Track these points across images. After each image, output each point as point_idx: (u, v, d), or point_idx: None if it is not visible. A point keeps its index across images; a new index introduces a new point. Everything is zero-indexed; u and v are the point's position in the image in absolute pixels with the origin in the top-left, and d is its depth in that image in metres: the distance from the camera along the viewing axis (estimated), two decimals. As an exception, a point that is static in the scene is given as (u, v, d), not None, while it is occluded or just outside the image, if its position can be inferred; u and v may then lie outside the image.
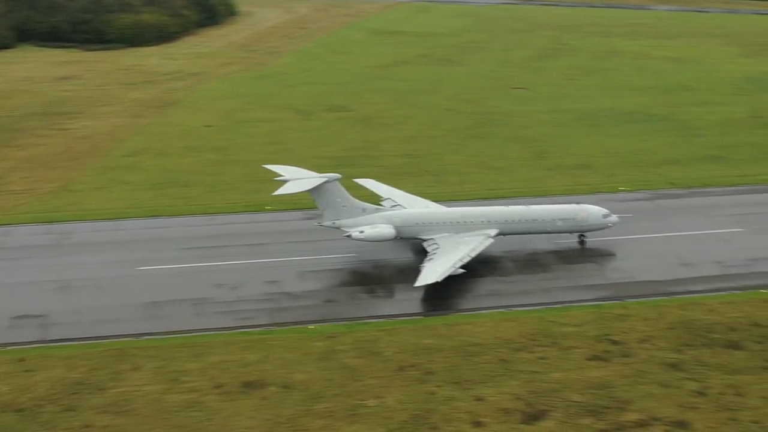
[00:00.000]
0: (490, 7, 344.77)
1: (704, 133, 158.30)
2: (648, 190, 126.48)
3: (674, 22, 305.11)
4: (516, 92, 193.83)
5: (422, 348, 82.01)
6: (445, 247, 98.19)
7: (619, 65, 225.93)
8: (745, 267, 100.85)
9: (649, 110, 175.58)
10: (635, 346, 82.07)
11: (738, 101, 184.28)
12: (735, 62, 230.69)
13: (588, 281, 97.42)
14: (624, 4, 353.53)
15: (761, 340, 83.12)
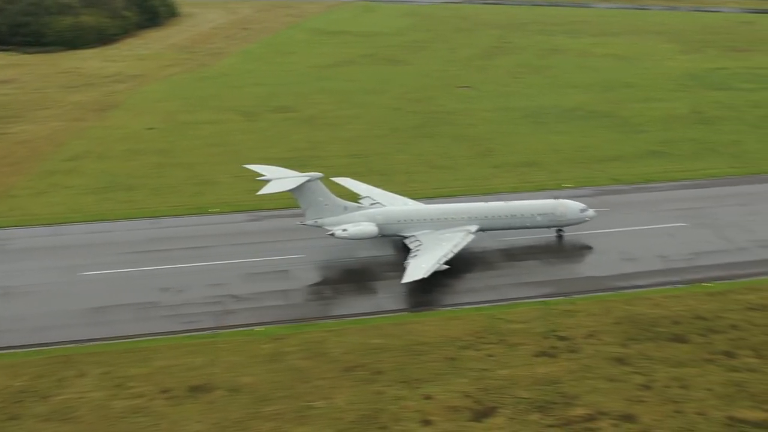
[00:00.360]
0: (434, 7, 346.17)
1: (646, 129, 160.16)
2: (592, 186, 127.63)
3: (616, 20, 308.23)
4: (461, 91, 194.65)
5: (370, 348, 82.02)
6: (427, 243, 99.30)
7: (562, 63, 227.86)
8: (688, 261, 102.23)
9: (592, 107, 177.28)
10: (582, 341, 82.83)
11: (679, 97, 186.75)
12: (675, 59, 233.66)
13: (534, 278, 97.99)
14: (566, 3, 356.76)
15: (705, 333, 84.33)
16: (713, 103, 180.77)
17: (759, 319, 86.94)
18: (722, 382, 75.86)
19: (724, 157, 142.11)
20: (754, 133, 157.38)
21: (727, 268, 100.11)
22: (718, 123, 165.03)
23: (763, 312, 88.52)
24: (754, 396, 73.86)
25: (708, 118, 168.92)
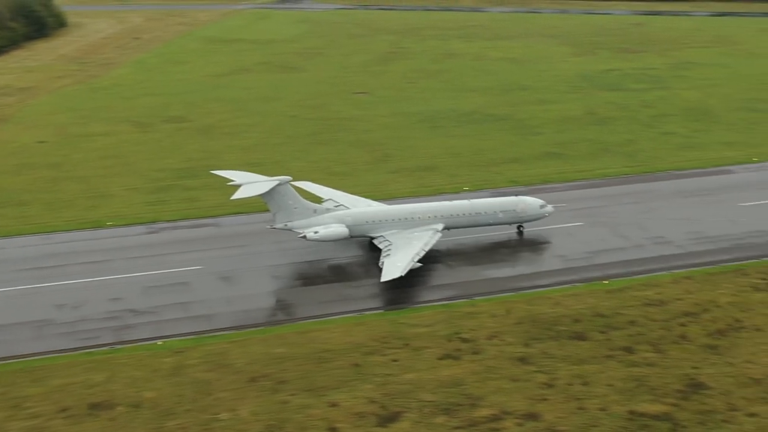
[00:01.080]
0: (327, 13, 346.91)
1: (542, 131, 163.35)
2: (490, 188, 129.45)
3: (509, 24, 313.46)
4: (358, 97, 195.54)
5: (274, 357, 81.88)
6: (397, 243, 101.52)
7: (457, 67, 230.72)
8: (587, 260, 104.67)
9: (488, 110, 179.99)
10: (485, 342, 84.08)
11: (573, 99, 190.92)
12: (568, 61, 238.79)
13: (437, 281, 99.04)
14: (459, 7, 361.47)
15: (604, 330, 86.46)
16: (606, 104, 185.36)
17: (656, 315, 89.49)
18: (622, 378, 77.86)
19: (619, 157, 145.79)
20: (646, 132, 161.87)
21: (624, 265, 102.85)
22: (611, 123, 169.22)
23: (660, 307, 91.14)
24: (653, 389, 75.98)
25: (602, 118, 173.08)
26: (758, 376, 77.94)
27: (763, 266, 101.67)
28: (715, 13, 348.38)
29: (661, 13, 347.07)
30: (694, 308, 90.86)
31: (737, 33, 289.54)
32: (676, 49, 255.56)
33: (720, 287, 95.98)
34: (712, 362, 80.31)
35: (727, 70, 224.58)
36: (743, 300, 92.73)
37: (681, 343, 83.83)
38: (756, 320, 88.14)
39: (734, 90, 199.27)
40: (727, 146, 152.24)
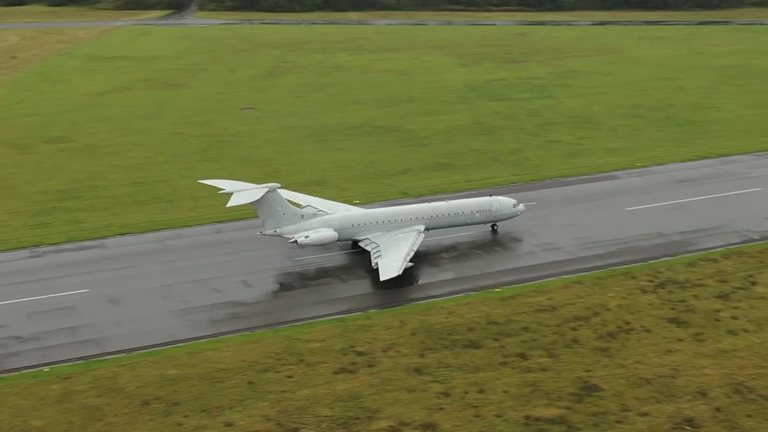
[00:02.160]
0: (211, 28, 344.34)
1: (431, 142, 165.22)
2: (381, 201, 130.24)
3: (395, 36, 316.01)
4: (244, 112, 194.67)
5: (166, 379, 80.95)
6: (385, 244, 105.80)
7: (344, 80, 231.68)
8: (480, 268, 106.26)
9: (377, 123, 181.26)
10: (380, 355, 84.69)
11: (460, 109, 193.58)
12: (454, 72, 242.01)
13: (330, 295, 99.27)
14: (345, 20, 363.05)
15: (498, 337, 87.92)
16: (493, 114, 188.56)
17: (548, 320, 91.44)
18: (517, 383, 79.34)
19: (506, 166, 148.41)
20: (533, 140, 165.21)
21: (516, 272, 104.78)
22: (498, 133, 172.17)
23: (552, 313, 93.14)
24: (548, 394, 77.62)
25: (489, 128, 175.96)
26: (648, 376, 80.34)
27: (650, 269, 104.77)
28: (596, 22, 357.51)
29: (543, 23, 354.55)
30: (584, 312, 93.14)
31: (618, 41, 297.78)
32: (559, 59, 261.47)
33: (609, 291, 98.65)
34: (603, 364, 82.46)
35: (609, 77, 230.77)
36: (632, 302, 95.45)
37: (573, 347, 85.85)
38: (644, 321, 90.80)
39: (617, 97, 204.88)
40: (611, 152, 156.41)
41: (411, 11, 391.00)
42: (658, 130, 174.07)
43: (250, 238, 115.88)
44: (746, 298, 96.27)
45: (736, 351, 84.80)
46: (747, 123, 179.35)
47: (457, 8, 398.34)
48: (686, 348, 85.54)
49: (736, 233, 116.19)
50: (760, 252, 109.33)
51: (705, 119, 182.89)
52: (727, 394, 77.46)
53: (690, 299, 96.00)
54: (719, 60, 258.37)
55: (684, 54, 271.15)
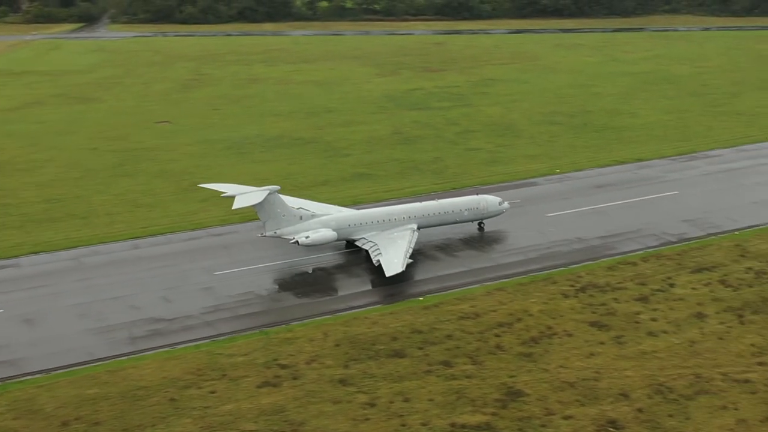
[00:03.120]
0: (124, 41, 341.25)
1: (350, 152, 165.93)
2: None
3: (311, 47, 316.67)
4: (160, 126, 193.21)
5: (85, 399, 79.90)
6: (382, 242, 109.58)
7: (261, 92, 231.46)
8: (401, 277, 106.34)
9: (295, 134, 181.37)
10: (304, 367, 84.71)
11: (379, 119, 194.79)
12: (373, 82, 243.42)
13: (250, 309, 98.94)
14: (260, 32, 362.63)
15: (422, 346, 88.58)
16: (413, 123, 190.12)
17: (471, 327, 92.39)
18: (442, 391, 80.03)
19: (427, 175, 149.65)
20: (452, 149, 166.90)
21: (438, 280, 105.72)
22: (418, 142, 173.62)
23: (475, 320, 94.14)
24: (473, 401, 78.45)
25: (409, 137, 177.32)
26: (572, 379, 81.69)
27: (571, 273, 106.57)
28: (512, 31, 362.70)
29: (460, 32, 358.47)
30: (507, 318, 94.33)
31: (534, 49, 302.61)
32: (477, 67, 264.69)
33: (531, 296, 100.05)
34: (527, 369, 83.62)
35: (526, 85, 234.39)
36: (553, 307, 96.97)
37: (497, 353, 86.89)
38: (566, 326, 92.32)
39: (534, 104, 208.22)
40: (530, 159, 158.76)
41: (327, 22, 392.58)
42: (575, 136, 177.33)
43: (169, 253, 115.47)
44: (665, 299, 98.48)
45: (656, 352, 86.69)
46: (662, 128, 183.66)
47: (374, 18, 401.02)
48: (608, 351, 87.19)
49: (654, 236, 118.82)
50: (677, 254, 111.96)
51: (621, 125, 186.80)
52: (649, 394, 79.15)
53: (610, 303, 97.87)
54: (634, 66, 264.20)
55: (600, 61, 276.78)
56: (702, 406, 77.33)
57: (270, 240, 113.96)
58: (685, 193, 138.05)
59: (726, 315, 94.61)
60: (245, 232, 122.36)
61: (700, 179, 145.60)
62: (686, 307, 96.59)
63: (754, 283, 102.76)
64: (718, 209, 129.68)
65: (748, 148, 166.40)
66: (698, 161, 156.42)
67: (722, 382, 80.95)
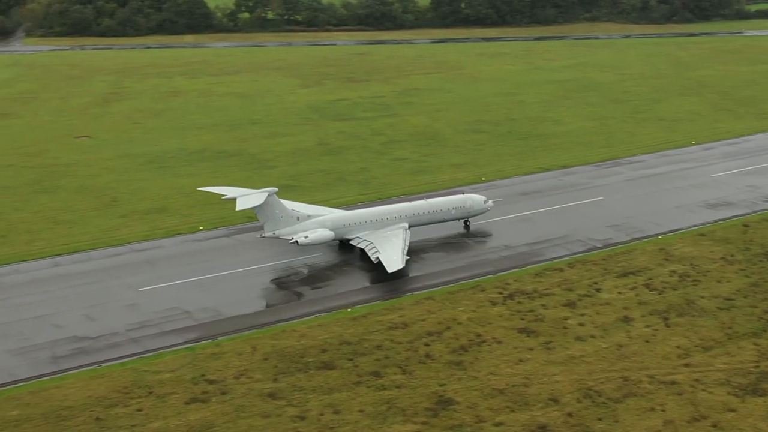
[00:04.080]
0: (40, 55, 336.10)
1: (275, 164, 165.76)
2: (227, 226, 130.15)
3: (233, 58, 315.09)
4: (79, 141, 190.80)
5: (8, 421, 78.86)
6: (378, 241, 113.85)
7: (183, 105, 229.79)
8: (329, 289, 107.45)
9: (219, 147, 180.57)
10: (232, 382, 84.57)
11: (304, 131, 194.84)
12: (297, 93, 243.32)
13: (176, 325, 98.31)
14: (181, 44, 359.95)
15: (352, 357, 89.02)
16: (338, 134, 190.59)
17: (400, 337, 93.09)
18: (373, 402, 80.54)
19: (353, 185, 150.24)
20: (378, 159, 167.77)
21: (366, 291, 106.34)
22: (344, 153, 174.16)
23: (404, 329, 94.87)
24: (403, 410, 79.11)
25: (334, 148, 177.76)
26: (501, 386, 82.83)
27: (498, 281, 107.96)
28: (435, 40, 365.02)
29: (384, 42, 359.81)
30: (436, 327, 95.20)
31: (458, 58, 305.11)
32: (401, 77, 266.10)
33: (460, 305, 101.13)
34: (457, 378, 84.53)
35: (451, 94, 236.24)
36: (482, 315, 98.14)
37: (427, 362, 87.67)
38: (495, 333, 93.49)
39: (459, 113, 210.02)
40: (456, 168, 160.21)
41: (249, 33, 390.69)
42: (500, 144, 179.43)
43: (91, 270, 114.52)
44: (592, 304, 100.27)
45: (584, 357, 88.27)
46: (586, 135, 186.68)
47: (297, 29, 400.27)
48: (537, 356, 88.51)
49: (580, 242, 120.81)
50: (603, 259, 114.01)
51: (546, 132, 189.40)
52: (578, 399, 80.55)
53: (538, 309, 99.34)
54: (557, 74, 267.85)
55: (523, 69, 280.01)
56: (630, 408, 79.00)
57: (196, 254, 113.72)
58: (609, 198, 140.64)
59: (652, 318, 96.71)
60: (170, 247, 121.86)
61: (624, 185, 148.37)
62: (613, 311, 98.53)
63: (678, 286, 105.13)
64: (642, 214, 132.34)
65: (669, 153, 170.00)
66: (622, 167, 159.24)
67: (649, 385, 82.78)
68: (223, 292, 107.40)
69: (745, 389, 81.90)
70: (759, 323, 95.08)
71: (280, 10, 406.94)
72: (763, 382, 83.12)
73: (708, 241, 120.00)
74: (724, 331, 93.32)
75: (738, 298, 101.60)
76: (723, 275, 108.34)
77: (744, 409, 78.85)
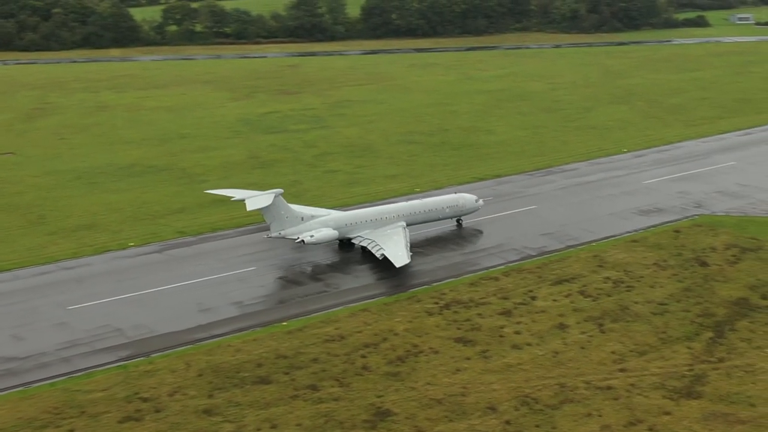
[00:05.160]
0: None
1: (206, 179, 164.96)
2: (157, 242, 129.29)
3: (162, 72, 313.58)
4: (3, 158, 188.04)
5: (-66, 445, 77.59)
6: (379, 239, 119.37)
7: (111, 119, 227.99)
8: (263, 303, 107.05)
9: (148, 162, 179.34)
10: (166, 399, 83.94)
11: (235, 144, 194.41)
12: (227, 106, 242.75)
13: (108, 343, 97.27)
14: (107, 58, 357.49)
15: (288, 371, 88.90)
16: (269, 147, 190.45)
17: (337, 350, 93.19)
18: (310, 416, 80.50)
19: (286, 198, 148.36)
20: (311, 172, 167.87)
21: (302, 304, 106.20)
22: (276, 165, 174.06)
23: (341, 342, 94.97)
24: (341, 423, 79.19)
25: (266, 161, 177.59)
26: (439, 396, 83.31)
27: (434, 291, 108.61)
28: (367, 52, 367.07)
29: (315, 54, 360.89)
30: (373, 339, 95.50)
31: (390, 69, 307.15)
32: (333, 89, 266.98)
33: (396, 316, 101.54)
34: (395, 389, 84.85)
35: (383, 105, 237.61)
36: (418, 326, 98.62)
37: (364, 374, 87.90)
38: (432, 343, 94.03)
39: (392, 124, 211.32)
40: (390, 179, 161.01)
41: (177, 46, 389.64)
42: (434, 154, 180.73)
43: (18, 289, 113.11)
44: (527, 312, 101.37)
45: (521, 364, 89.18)
46: (518, 144, 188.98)
47: (226, 41, 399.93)
48: (474, 366, 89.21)
49: (515, 251, 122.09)
50: (537, 267, 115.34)
51: (479, 142, 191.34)
52: (516, 406, 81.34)
53: (475, 318, 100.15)
54: (489, 84, 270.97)
55: (455, 79, 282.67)
56: (567, 414, 79.98)
57: (127, 270, 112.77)
58: (543, 207, 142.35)
59: (587, 325, 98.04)
60: (99, 264, 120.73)
61: (557, 193, 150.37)
62: (548, 318, 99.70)
63: (612, 293, 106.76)
64: (576, 222, 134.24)
65: (601, 161, 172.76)
66: (555, 175, 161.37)
67: (586, 390, 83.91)
68: (155, 308, 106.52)
69: (680, 392, 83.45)
70: (692, 327, 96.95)
71: (209, 22, 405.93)
72: (697, 385, 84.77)
73: (641, 247, 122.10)
74: (658, 336, 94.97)
75: (671, 302, 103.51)
76: (656, 280, 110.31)
77: (679, 412, 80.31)
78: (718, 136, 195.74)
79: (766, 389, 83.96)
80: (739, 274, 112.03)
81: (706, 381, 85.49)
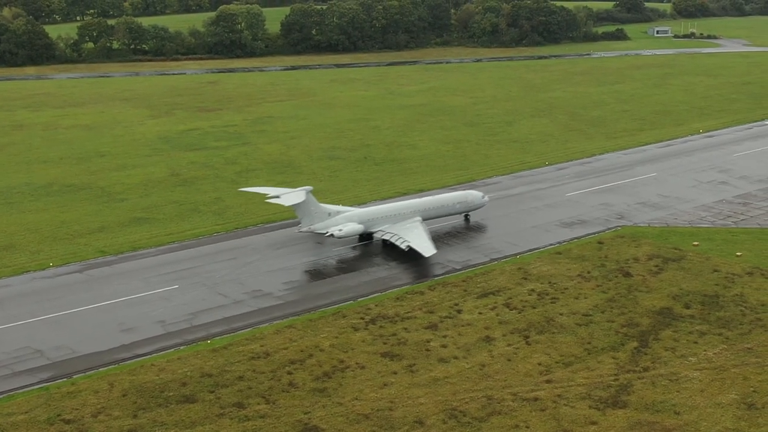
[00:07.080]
0: None
1: (126, 197, 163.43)
2: (78, 262, 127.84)
3: (79, 90, 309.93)
4: None
5: None
6: (401, 232, 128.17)
7: (27, 139, 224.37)
8: (187, 321, 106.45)
9: (66, 181, 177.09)
10: (90, 420, 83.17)
11: (155, 162, 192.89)
12: (146, 124, 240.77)
13: (28, 365, 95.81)
14: (21, 76, 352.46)
15: (213, 389, 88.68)
16: (190, 164, 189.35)
17: (263, 367, 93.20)
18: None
19: (208, 216, 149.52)
20: (232, 189, 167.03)
21: (226, 322, 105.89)
22: (197, 183, 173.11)
23: (266, 359, 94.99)
24: (269, 440, 79.32)
25: (187, 179, 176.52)
26: (366, 411, 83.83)
27: (360, 306, 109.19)
28: (287, 68, 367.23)
29: (234, 70, 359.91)
30: (299, 355, 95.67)
31: (310, 85, 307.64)
32: (254, 105, 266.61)
33: (322, 332, 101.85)
34: (322, 405, 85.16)
35: (305, 121, 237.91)
36: (345, 341, 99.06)
37: (290, 390, 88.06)
38: (359, 358, 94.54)
39: (314, 140, 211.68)
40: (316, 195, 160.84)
41: (94, 63, 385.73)
42: (357, 170, 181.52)
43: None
44: (453, 326, 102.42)
45: (448, 378, 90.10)
46: (441, 158, 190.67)
47: (144, 58, 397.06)
48: (401, 380, 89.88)
49: (440, 265, 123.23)
50: (463, 281, 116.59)
51: (401, 157, 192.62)
52: (443, 420, 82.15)
53: (401, 332, 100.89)
54: (410, 99, 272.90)
55: (376, 95, 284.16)
56: (495, 426, 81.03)
57: (47, 291, 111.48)
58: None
59: (513, 337, 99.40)
60: (18, 285, 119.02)
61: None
62: (474, 331, 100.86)
63: (537, 304, 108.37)
64: (500, 234, 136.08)
65: (524, 174, 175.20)
66: (477, 189, 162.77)
67: (513, 402, 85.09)
68: (77, 329, 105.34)
69: (606, 402, 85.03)
70: (616, 337, 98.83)
71: (126, 39, 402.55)
72: (622, 394, 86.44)
73: (565, 259, 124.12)
74: (584, 347, 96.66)
75: (595, 313, 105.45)
76: (580, 292, 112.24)
77: (605, 421, 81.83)
78: (638, 148, 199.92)
79: (690, 397, 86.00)
80: (662, 284, 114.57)
81: (631, 390, 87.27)
